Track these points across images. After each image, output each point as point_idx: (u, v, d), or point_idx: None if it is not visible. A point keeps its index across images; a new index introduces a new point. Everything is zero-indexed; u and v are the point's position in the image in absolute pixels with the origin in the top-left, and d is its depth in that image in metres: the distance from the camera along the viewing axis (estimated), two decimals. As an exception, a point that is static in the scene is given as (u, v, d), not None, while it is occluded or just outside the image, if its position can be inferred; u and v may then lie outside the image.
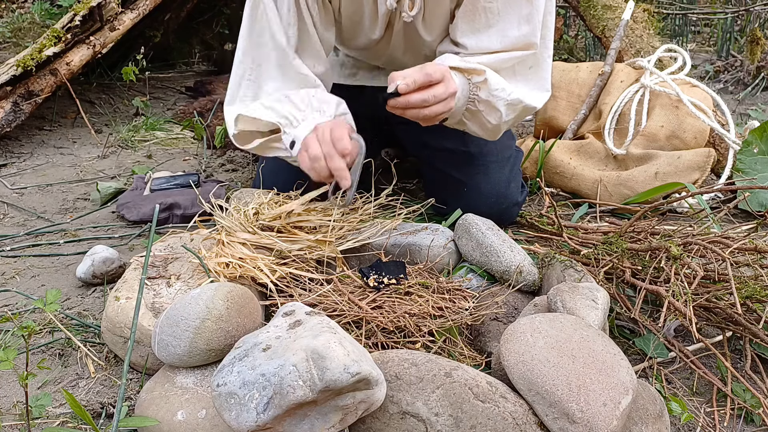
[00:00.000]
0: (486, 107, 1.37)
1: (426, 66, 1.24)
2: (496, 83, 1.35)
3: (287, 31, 1.37)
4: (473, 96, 1.36)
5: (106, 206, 1.88)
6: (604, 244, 1.40)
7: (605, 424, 0.84)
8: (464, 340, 1.18)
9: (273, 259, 1.23)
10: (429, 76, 1.22)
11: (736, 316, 1.16)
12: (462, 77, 1.33)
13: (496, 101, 1.36)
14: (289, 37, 1.38)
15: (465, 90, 1.34)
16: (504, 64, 1.37)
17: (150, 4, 2.64)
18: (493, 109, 1.37)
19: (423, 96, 1.22)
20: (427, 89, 1.23)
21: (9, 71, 2.26)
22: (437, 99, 1.23)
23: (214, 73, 3.44)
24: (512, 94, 1.37)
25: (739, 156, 1.96)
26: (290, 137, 1.34)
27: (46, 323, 1.28)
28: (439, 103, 1.24)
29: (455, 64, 1.32)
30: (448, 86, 1.25)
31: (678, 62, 2.16)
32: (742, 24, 4.27)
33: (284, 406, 0.81)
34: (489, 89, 1.35)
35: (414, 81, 1.21)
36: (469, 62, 1.34)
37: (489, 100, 1.36)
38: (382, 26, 1.45)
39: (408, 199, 1.75)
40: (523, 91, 1.40)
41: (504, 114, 1.38)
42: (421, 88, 1.23)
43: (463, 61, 1.33)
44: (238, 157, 2.23)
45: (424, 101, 1.23)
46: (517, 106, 1.39)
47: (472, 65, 1.33)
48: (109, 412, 1.06)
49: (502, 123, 1.41)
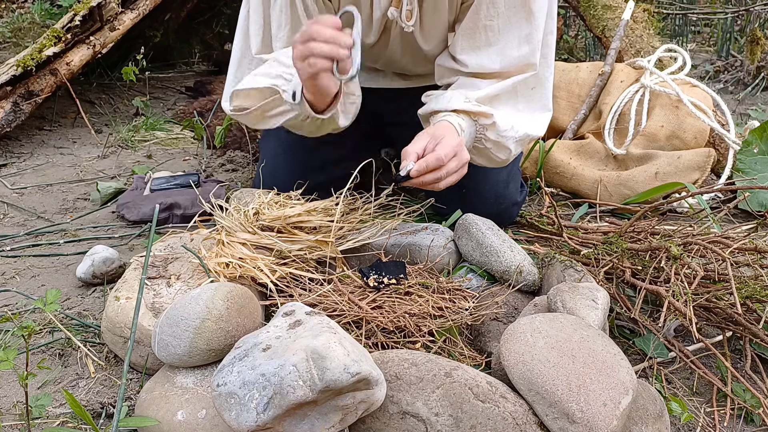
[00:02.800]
0: (495, 146, 1.39)
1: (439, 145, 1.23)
2: (504, 124, 1.36)
3: (276, 33, 1.37)
4: (480, 136, 1.37)
5: (106, 206, 1.88)
6: (604, 244, 1.40)
7: (605, 424, 0.84)
8: (464, 340, 1.18)
9: (273, 259, 1.23)
10: (440, 161, 1.22)
11: (736, 316, 1.16)
12: (468, 120, 1.34)
13: (506, 141, 1.38)
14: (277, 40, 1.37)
15: (471, 132, 1.35)
16: (506, 90, 1.38)
17: (150, 4, 2.64)
18: (502, 147, 1.39)
19: (436, 175, 1.23)
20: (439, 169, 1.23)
21: (9, 71, 2.26)
22: (450, 173, 1.24)
23: (214, 73, 3.43)
24: (520, 130, 1.38)
25: (739, 156, 1.96)
26: (290, 92, 1.29)
27: (46, 323, 1.28)
28: (453, 175, 1.25)
29: (461, 107, 1.33)
30: (461, 159, 1.25)
31: (678, 62, 2.16)
32: (742, 24, 4.27)
33: (284, 406, 0.81)
34: (498, 131, 1.36)
35: (426, 166, 1.22)
36: (475, 104, 1.34)
37: (498, 140, 1.37)
38: (377, 31, 1.45)
39: (408, 199, 1.75)
40: (527, 118, 1.40)
41: (513, 150, 1.40)
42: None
43: (469, 104, 1.34)
44: (238, 157, 2.23)
45: (437, 179, 1.24)
46: (525, 140, 1.41)
47: (480, 108, 1.33)
48: (109, 412, 1.06)
49: (511, 157, 1.43)
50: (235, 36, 1.46)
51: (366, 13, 1.41)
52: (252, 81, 1.36)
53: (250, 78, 1.37)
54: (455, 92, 1.37)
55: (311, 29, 1.14)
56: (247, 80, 1.37)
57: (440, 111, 1.36)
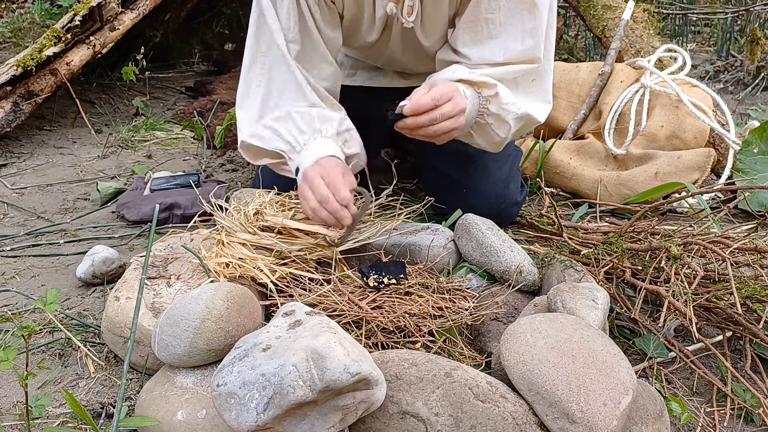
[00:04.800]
0: (495, 120, 1.37)
1: (434, 88, 1.24)
2: (506, 97, 1.35)
3: (287, 35, 1.36)
4: (483, 109, 1.35)
5: (106, 206, 1.88)
6: (604, 244, 1.40)
7: (605, 424, 0.84)
8: (464, 340, 1.18)
9: (273, 260, 1.23)
10: (436, 101, 1.22)
11: (736, 316, 1.16)
12: (472, 90, 1.33)
13: (506, 115, 1.36)
14: (288, 42, 1.37)
15: (475, 104, 1.33)
16: (508, 76, 1.37)
17: (150, 4, 2.64)
18: (502, 122, 1.37)
19: (431, 115, 1.22)
20: (434, 109, 1.23)
21: (9, 71, 2.26)
22: (445, 116, 1.23)
23: (214, 73, 3.43)
24: (521, 108, 1.37)
25: (739, 156, 1.96)
26: (295, 164, 1.34)
27: (46, 323, 1.28)
28: (448, 120, 1.24)
29: (465, 77, 1.32)
30: (456, 103, 1.24)
31: (678, 62, 2.16)
32: (742, 24, 4.27)
33: (284, 406, 0.81)
34: (499, 103, 1.35)
35: (421, 105, 1.22)
36: (479, 75, 1.33)
37: (499, 113, 1.36)
38: (379, 29, 1.45)
39: (408, 199, 1.75)
40: (528, 103, 1.40)
41: (512, 127, 1.39)
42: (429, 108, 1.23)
43: (473, 74, 1.33)
44: (238, 157, 2.23)
45: (432, 120, 1.23)
46: (524, 119, 1.40)
47: (483, 78, 1.32)
48: (109, 412, 1.06)
49: (509, 136, 1.42)
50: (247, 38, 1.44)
51: (368, 12, 1.42)
52: (263, 137, 1.39)
53: (261, 129, 1.39)
54: (460, 66, 1.36)
55: (325, 195, 1.22)
56: (260, 133, 1.39)
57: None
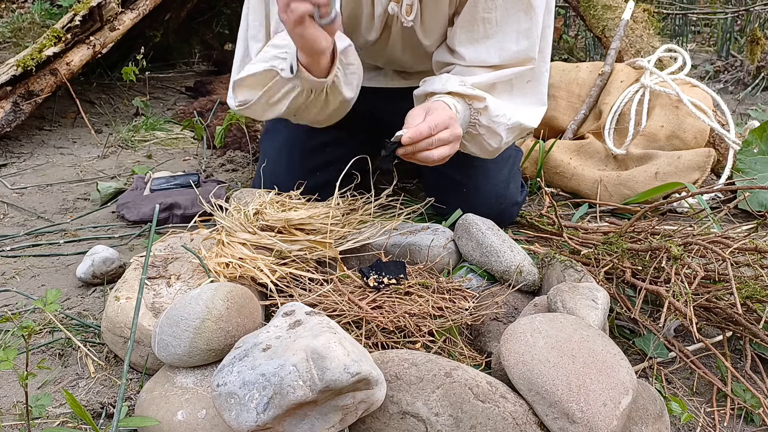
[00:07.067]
0: (487, 132, 1.39)
1: (430, 116, 1.25)
2: (496, 109, 1.36)
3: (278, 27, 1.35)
4: (474, 121, 1.37)
5: (106, 206, 1.88)
6: (604, 244, 1.40)
7: (605, 424, 0.84)
8: (464, 340, 1.18)
9: (273, 260, 1.23)
10: (432, 129, 1.23)
11: (736, 316, 1.16)
12: (463, 102, 1.34)
13: (497, 126, 1.38)
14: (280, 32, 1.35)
15: (465, 115, 1.35)
16: (503, 79, 1.38)
17: (150, 4, 2.63)
18: (494, 133, 1.39)
19: (428, 141, 1.24)
20: (431, 137, 1.24)
21: (9, 71, 2.26)
22: (441, 142, 1.25)
23: (214, 73, 3.43)
24: (512, 118, 1.38)
25: (739, 156, 1.96)
26: (287, 68, 1.28)
27: (46, 323, 1.28)
28: (444, 146, 1.26)
29: (456, 89, 1.33)
30: (453, 131, 1.26)
31: (678, 62, 2.16)
32: (742, 24, 4.27)
33: (284, 406, 0.81)
34: (489, 115, 1.36)
35: (420, 133, 1.23)
36: (470, 88, 1.34)
37: (489, 125, 1.37)
38: (379, 28, 1.45)
39: (408, 199, 1.75)
40: (520, 109, 1.41)
41: (504, 137, 1.40)
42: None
43: (464, 87, 1.34)
44: (238, 157, 2.23)
45: (429, 145, 1.25)
46: (517, 128, 1.41)
47: (474, 92, 1.34)
48: (109, 412, 1.06)
49: (502, 145, 1.43)
50: (238, 35, 1.45)
51: (367, 11, 1.42)
52: (250, 68, 1.36)
53: (247, 67, 1.37)
54: (452, 76, 1.38)
55: None
56: (246, 69, 1.37)
57: (436, 93, 1.36)
